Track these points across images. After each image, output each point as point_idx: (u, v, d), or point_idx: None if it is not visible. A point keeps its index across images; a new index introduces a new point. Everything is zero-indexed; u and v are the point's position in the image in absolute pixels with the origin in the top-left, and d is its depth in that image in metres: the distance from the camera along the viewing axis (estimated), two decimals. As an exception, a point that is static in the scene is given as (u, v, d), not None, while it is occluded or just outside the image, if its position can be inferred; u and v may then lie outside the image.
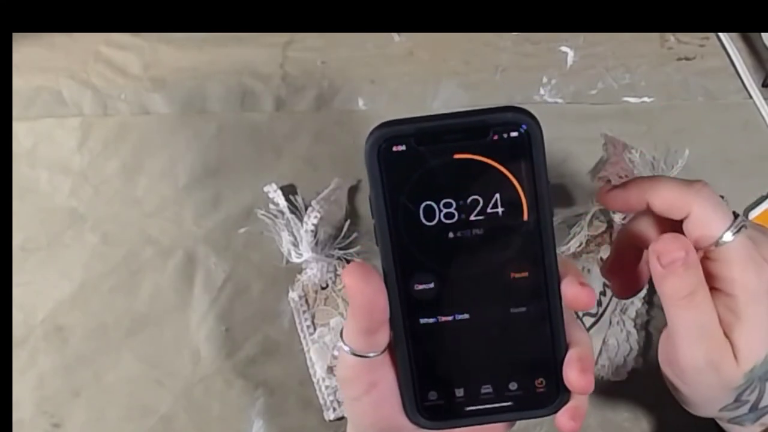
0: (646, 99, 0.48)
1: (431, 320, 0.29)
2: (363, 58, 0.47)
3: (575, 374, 0.29)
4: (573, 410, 0.30)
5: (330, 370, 0.44)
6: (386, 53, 0.48)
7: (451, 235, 0.28)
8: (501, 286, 0.29)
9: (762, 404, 0.34)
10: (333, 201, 0.44)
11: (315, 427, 0.44)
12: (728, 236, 0.32)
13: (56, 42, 0.47)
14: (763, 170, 0.47)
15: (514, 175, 0.28)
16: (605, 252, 0.45)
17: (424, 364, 0.30)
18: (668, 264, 0.31)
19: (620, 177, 0.45)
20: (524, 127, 0.27)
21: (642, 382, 0.45)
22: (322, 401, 0.44)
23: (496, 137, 0.27)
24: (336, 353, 0.44)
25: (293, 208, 0.44)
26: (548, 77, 0.48)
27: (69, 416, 0.44)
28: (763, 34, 0.47)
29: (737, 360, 0.32)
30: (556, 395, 0.30)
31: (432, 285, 0.29)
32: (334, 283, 0.45)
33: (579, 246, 0.45)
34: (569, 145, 0.47)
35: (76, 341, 0.44)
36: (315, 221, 0.43)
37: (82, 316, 0.44)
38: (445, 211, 0.28)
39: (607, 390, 0.45)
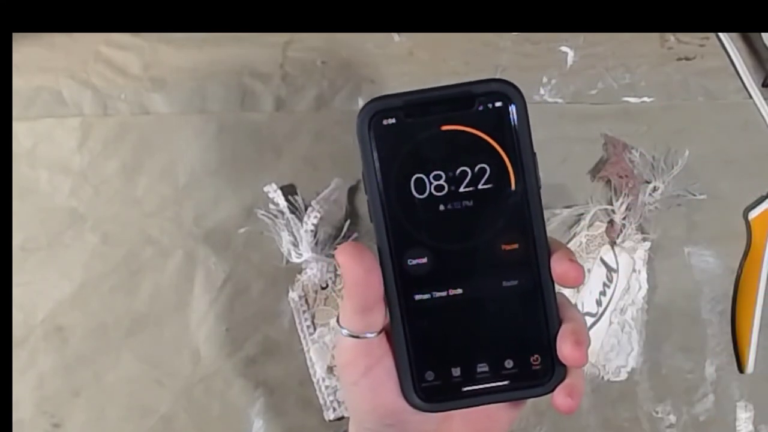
0: (646, 99, 0.48)
1: (425, 296, 0.29)
2: (363, 58, 0.47)
3: (569, 347, 0.29)
4: (569, 387, 0.30)
5: (330, 370, 0.44)
6: (386, 53, 0.48)
7: (441, 207, 0.29)
8: (492, 258, 0.29)
9: None
10: (333, 201, 0.44)
11: (315, 427, 0.44)
12: None
13: (56, 42, 0.47)
14: (763, 170, 0.47)
15: (500, 145, 0.28)
16: (605, 252, 0.45)
17: (420, 343, 0.30)
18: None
19: (620, 177, 0.45)
20: (508, 96, 0.28)
21: (642, 382, 0.45)
22: (322, 401, 0.44)
23: (481, 107, 0.28)
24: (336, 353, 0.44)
25: (293, 208, 0.44)
26: (548, 77, 0.48)
27: (69, 416, 0.44)
28: (763, 34, 0.47)
29: None
30: (552, 372, 0.30)
31: (425, 260, 0.29)
32: (334, 283, 0.45)
33: (579, 246, 0.45)
34: (569, 145, 0.47)
35: (76, 341, 0.44)
36: (315, 221, 0.43)
37: (82, 316, 0.44)
38: (435, 183, 0.29)
39: (607, 390, 0.45)
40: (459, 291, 0.29)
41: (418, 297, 0.29)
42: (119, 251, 0.45)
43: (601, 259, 0.45)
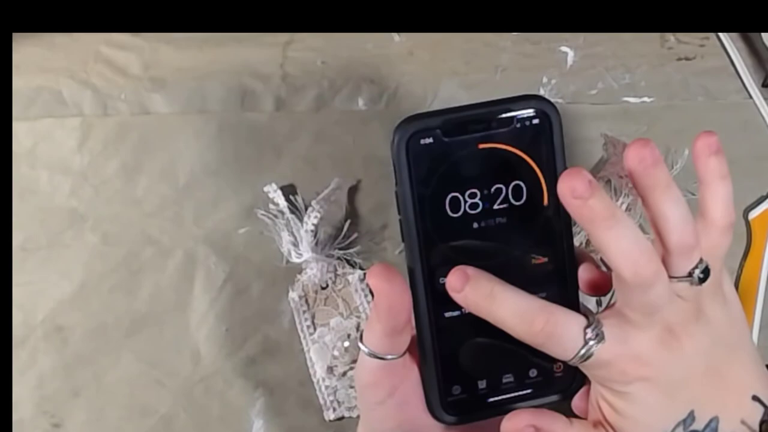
0: (646, 99, 0.48)
1: (456, 313, 0.29)
2: (363, 58, 0.47)
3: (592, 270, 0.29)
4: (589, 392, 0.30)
5: (330, 370, 0.44)
6: (386, 53, 0.48)
7: (475, 225, 0.29)
8: (522, 272, 0.29)
9: None
10: (333, 201, 0.44)
11: (315, 427, 0.44)
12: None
13: (56, 42, 0.47)
14: (763, 170, 0.47)
15: (536, 162, 0.29)
16: (605, 252, 0.45)
17: (448, 358, 0.30)
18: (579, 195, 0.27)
19: (620, 177, 0.45)
20: (546, 114, 0.28)
21: (642, 382, 0.45)
22: (322, 401, 0.44)
23: (519, 125, 0.28)
24: (336, 353, 0.44)
25: (293, 208, 0.44)
26: (548, 77, 0.48)
27: (69, 416, 0.44)
28: (763, 34, 0.47)
29: None
30: (572, 379, 0.30)
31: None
32: (334, 283, 0.45)
33: (579, 246, 0.45)
34: (569, 145, 0.46)
35: (76, 341, 0.44)
36: (315, 221, 0.43)
37: (82, 316, 0.44)
38: (470, 201, 0.28)
39: (607, 390, 0.45)
40: None
41: (448, 315, 0.29)
42: (119, 251, 0.45)
43: (601, 260, 0.45)
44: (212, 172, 0.46)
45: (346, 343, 0.44)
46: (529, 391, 0.30)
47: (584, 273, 0.29)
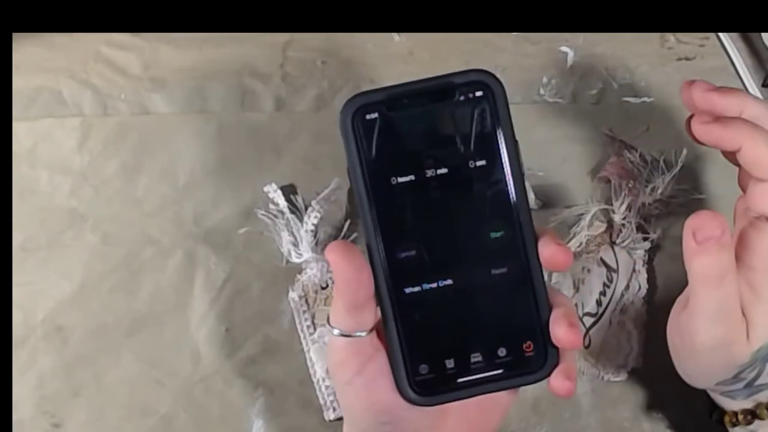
0: (646, 99, 0.48)
1: (416, 288, 0.30)
2: (363, 58, 0.47)
3: (563, 330, 0.29)
4: (566, 371, 0.30)
5: (330, 370, 0.44)
6: (386, 53, 0.48)
7: (427, 199, 0.29)
8: (480, 246, 0.29)
9: (758, 382, 0.34)
10: (333, 201, 0.44)
11: (315, 427, 0.44)
12: None
13: (56, 42, 0.47)
14: (763, 170, 0.47)
15: (482, 135, 0.29)
16: (605, 252, 0.45)
17: (413, 336, 0.30)
18: (703, 241, 0.31)
19: (620, 177, 0.45)
20: (488, 85, 0.29)
21: (642, 382, 0.45)
22: (322, 401, 0.44)
23: (462, 98, 0.29)
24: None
25: (293, 208, 0.44)
26: (548, 77, 0.48)
27: (69, 416, 0.44)
28: (763, 34, 0.47)
29: (749, 339, 0.32)
30: (545, 359, 0.30)
31: (414, 252, 0.29)
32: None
33: (579, 246, 0.45)
34: (569, 145, 0.47)
35: (76, 341, 0.44)
36: (315, 221, 0.43)
37: (82, 316, 0.44)
38: (419, 175, 0.29)
39: (607, 390, 0.45)
40: (449, 281, 0.30)
41: (408, 290, 0.30)
42: (119, 251, 0.45)
43: (601, 259, 0.45)
44: (212, 172, 0.46)
45: (346, 343, 0.44)
46: (500, 371, 0.30)
47: (544, 248, 0.30)
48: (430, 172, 0.29)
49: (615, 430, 0.45)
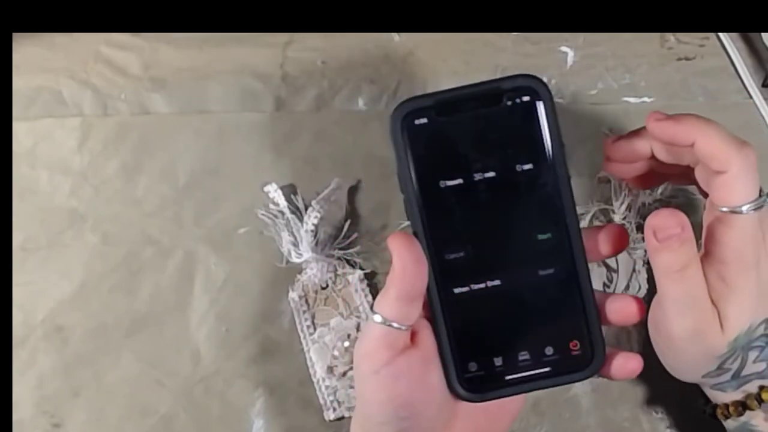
0: (646, 99, 0.48)
1: (465, 289, 0.30)
2: (363, 58, 0.47)
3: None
4: (626, 356, 0.32)
5: (330, 370, 0.44)
6: (386, 53, 0.48)
7: (476, 201, 0.30)
8: (527, 248, 0.30)
9: (744, 373, 0.35)
10: (333, 201, 0.44)
11: (315, 427, 0.44)
12: (746, 208, 0.32)
13: (56, 42, 0.47)
14: (763, 170, 0.47)
15: (530, 138, 0.30)
16: (605, 252, 0.45)
17: (462, 334, 0.31)
18: (663, 239, 0.32)
19: (621, 177, 0.45)
20: (535, 90, 0.29)
21: (642, 382, 0.45)
22: (322, 401, 0.44)
23: (510, 103, 0.29)
24: (336, 353, 0.44)
25: (293, 208, 0.44)
26: (548, 77, 0.48)
27: (69, 416, 0.44)
28: (763, 34, 0.47)
29: (723, 329, 0.33)
30: (591, 357, 0.31)
31: (462, 253, 0.30)
32: (334, 283, 0.45)
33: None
34: (569, 145, 0.46)
35: (76, 341, 0.44)
36: (315, 221, 0.43)
37: (82, 316, 0.44)
38: (469, 178, 0.29)
39: (607, 390, 0.45)
40: (497, 282, 0.30)
41: (457, 290, 0.30)
42: (119, 251, 0.45)
43: (603, 260, 0.45)
44: (212, 172, 0.46)
45: (346, 343, 0.44)
46: (547, 369, 0.31)
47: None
48: (478, 176, 0.29)
49: (615, 430, 0.45)
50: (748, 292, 0.33)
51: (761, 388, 0.35)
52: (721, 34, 0.48)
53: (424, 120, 0.29)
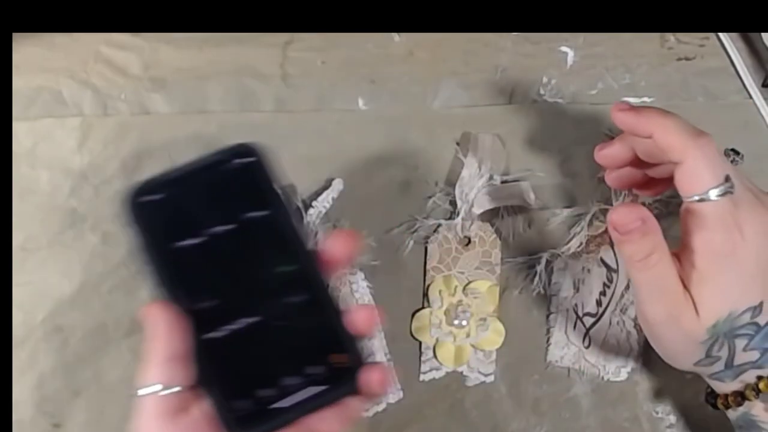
0: (646, 99, 0.48)
1: (220, 333, 0.32)
2: (363, 58, 0.47)
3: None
4: (374, 367, 0.32)
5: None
6: (386, 53, 0.48)
7: (216, 252, 0.32)
8: (271, 282, 0.33)
9: (737, 362, 0.35)
10: (333, 201, 0.44)
11: (315, 427, 0.44)
12: (712, 195, 0.33)
13: (56, 42, 0.46)
14: (763, 170, 0.47)
15: (254, 190, 0.33)
16: (605, 252, 0.45)
17: (225, 376, 0.32)
18: (625, 233, 0.34)
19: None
20: (249, 153, 0.33)
21: (642, 382, 0.45)
22: (322, 401, 0.44)
23: (230, 166, 0.33)
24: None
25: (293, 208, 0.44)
26: (548, 77, 0.48)
27: (69, 416, 0.44)
28: (763, 34, 0.47)
29: (699, 315, 0.34)
30: (357, 367, 0.32)
31: (212, 301, 0.32)
32: (334, 283, 0.45)
33: (579, 246, 0.45)
34: (569, 145, 0.47)
35: (76, 341, 0.44)
36: (315, 221, 0.43)
37: (82, 316, 0.44)
38: (205, 234, 0.32)
39: (607, 390, 0.45)
40: (249, 320, 0.32)
41: (212, 336, 0.31)
42: (119, 251, 0.45)
43: (601, 259, 0.45)
44: (212, 172, 0.46)
45: (346, 343, 0.44)
46: (316, 389, 0.32)
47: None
48: (214, 231, 0.32)
49: (615, 430, 0.45)
50: (723, 280, 0.34)
51: (759, 378, 0.35)
52: (721, 34, 0.48)
53: (154, 196, 0.32)
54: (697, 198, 0.34)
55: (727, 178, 0.34)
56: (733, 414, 0.37)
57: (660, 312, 0.35)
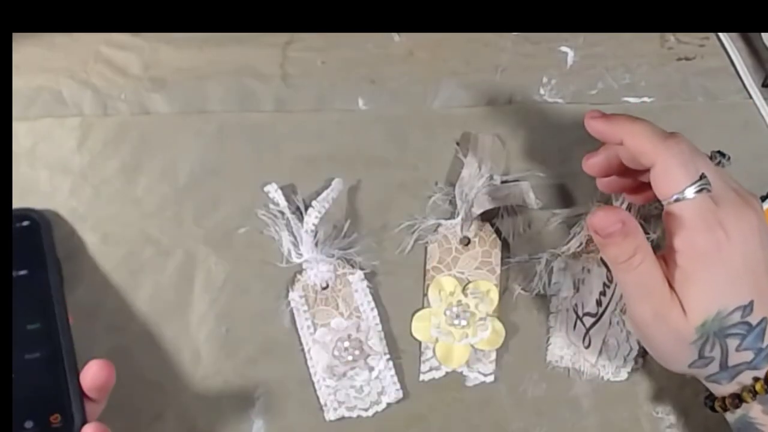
0: (646, 99, 0.48)
1: None
2: (363, 58, 0.47)
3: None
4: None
5: (330, 370, 0.44)
6: (386, 53, 0.48)
7: None
8: (18, 337, 0.36)
9: (732, 362, 0.35)
10: (333, 201, 0.44)
11: (315, 427, 0.44)
12: (689, 194, 0.34)
13: (56, 42, 0.46)
14: (763, 170, 0.47)
15: (27, 252, 0.38)
16: (605, 252, 0.45)
17: None
18: (606, 236, 0.34)
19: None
20: (29, 219, 0.39)
21: (642, 382, 0.45)
22: (322, 401, 0.44)
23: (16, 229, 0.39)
24: (336, 353, 0.44)
25: (293, 208, 0.44)
26: (548, 77, 0.48)
27: (69, 416, 0.44)
28: (763, 34, 0.47)
29: (686, 314, 0.34)
30: (72, 426, 0.36)
31: None
32: (334, 283, 0.45)
33: (579, 246, 0.45)
34: (569, 145, 0.47)
35: (76, 341, 0.44)
36: (315, 221, 0.43)
37: (82, 316, 0.44)
38: None
39: (607, 390, 0.45)
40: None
41: None
42: (119, 251, 0.45)
43: (601, 259, 0.45)
44: (212, 172, 0.46)
45: (346, 344, 0.44)
46: None
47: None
48: None
49: (615, 430, 0.45)
50: (708, 278, 0.34)
51: (755, 379, 0.35)
52: (721, 34, 0.48)
53: None
54: (674, 198, 0.34)
55: (702, 176, 0.34)
56: (731, 417, 0.37)
57: (647, 312, 0.35)
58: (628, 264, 0.34)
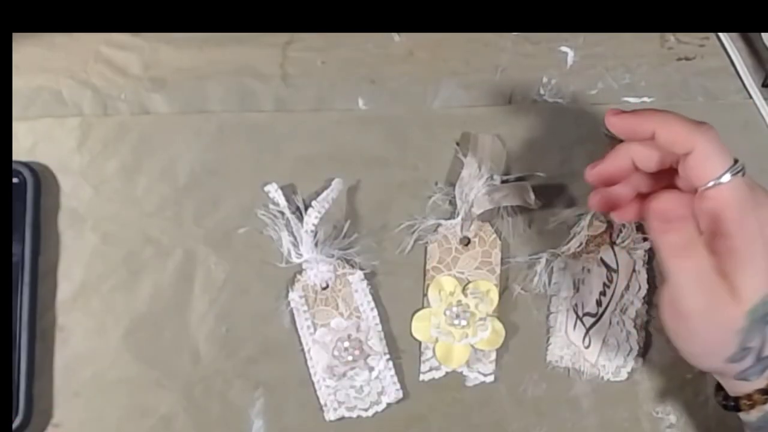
0: (646, 99, 0.48)
1: None
2: (363, 58, 0.47)
3: None
4: None
5: (330, 370, 0.44)
6: (386, 53, 0.48)
7: None
8: None
9: (765, 353, 0.34)
10: (333, 201, 0.44)
11: (315, 427, 0.44)
12: (726, 177, 0.33)
13: (56, 42, 0.47)
14: (763, 170, 0.47)
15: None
16: (605, 252, 0.45)
17: None
18: (672, 220, 0.33)
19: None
20: (23, 174, 0.42)
21: (642, 382, 0.45)
22: (322, 401, 0.44)
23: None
24: (336, 353, 0.44)
25: (293, 208, 0.44)
26: (548, 77, 0.48)
27: (69, 416, 0.44)
28: (763, 34, 0.47)
29: (737, 300, 0.33)
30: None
31: None
32: (334, 283, 0.45)
33: (579, 246, 0.45)
34: (569, 145, 0.47)
35: (76, 341, 0.44)
36: (315, 221, 0.43)
37: (82, 316, 0.44)
38: None
39: (607, 390, 0.45)
40: None
41: None
42: (119, 251, 0.45)
43: (601, 259, 0.45)
44: (212, 172, 0.46)
45: (346, 344, 0.44)
46: None
47: None
48: None
49: (615, 430, 0.45)
50: (758, 261, 0.33)
51: None
52: (721, 34, 0.48)
53: None
54: (712, 183, 0.33)
55: (737, 160, 0.34)
56: (755, 414, 0.36)
57: (699, 302, 0.34)
58: (688, 250, 0.33)
